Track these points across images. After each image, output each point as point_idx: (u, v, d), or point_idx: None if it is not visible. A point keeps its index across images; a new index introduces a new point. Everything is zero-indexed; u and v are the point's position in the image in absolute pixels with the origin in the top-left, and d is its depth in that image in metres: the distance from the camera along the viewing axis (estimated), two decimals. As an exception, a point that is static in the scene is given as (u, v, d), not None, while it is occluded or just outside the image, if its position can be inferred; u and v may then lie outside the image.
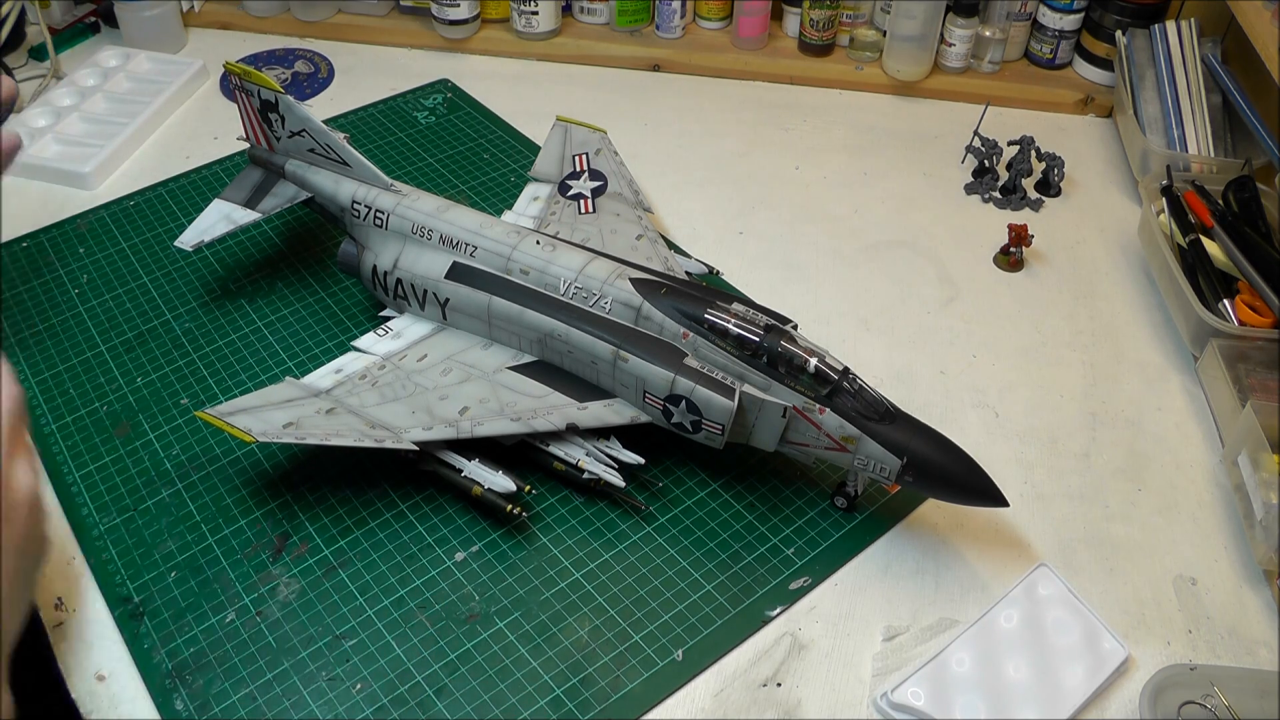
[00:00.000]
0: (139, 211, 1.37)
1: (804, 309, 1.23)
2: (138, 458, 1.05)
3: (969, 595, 0.96)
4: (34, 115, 1.49)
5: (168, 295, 1.24)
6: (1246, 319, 1.16)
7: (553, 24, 1.68)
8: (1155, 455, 1.10)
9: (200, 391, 1.12)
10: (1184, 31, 1.49)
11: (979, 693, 0.87)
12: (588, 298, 1.02)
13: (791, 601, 0.95)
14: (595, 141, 1.37)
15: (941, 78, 1.63)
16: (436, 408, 1.00)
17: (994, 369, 1.19)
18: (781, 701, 0.88)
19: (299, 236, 1.33)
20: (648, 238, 1.22)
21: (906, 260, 1.33)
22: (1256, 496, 0.99)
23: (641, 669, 0.89)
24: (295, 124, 1.17)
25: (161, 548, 0.97)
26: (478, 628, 0.92)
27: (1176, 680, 0.87)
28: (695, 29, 1.72)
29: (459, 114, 1.57)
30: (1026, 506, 1.04)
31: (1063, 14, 1.58)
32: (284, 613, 0.92)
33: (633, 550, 0.98)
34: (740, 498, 1.03)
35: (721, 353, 0.96)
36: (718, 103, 1.62)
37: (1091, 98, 1.60)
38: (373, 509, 1.01)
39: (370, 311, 1.21)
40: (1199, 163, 1.37)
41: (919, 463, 0.90)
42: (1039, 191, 1.45)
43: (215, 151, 1.48)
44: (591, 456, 0.99)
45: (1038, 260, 1.34)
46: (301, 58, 1.69)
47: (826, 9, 1.60)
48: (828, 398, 0.92)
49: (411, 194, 1.13)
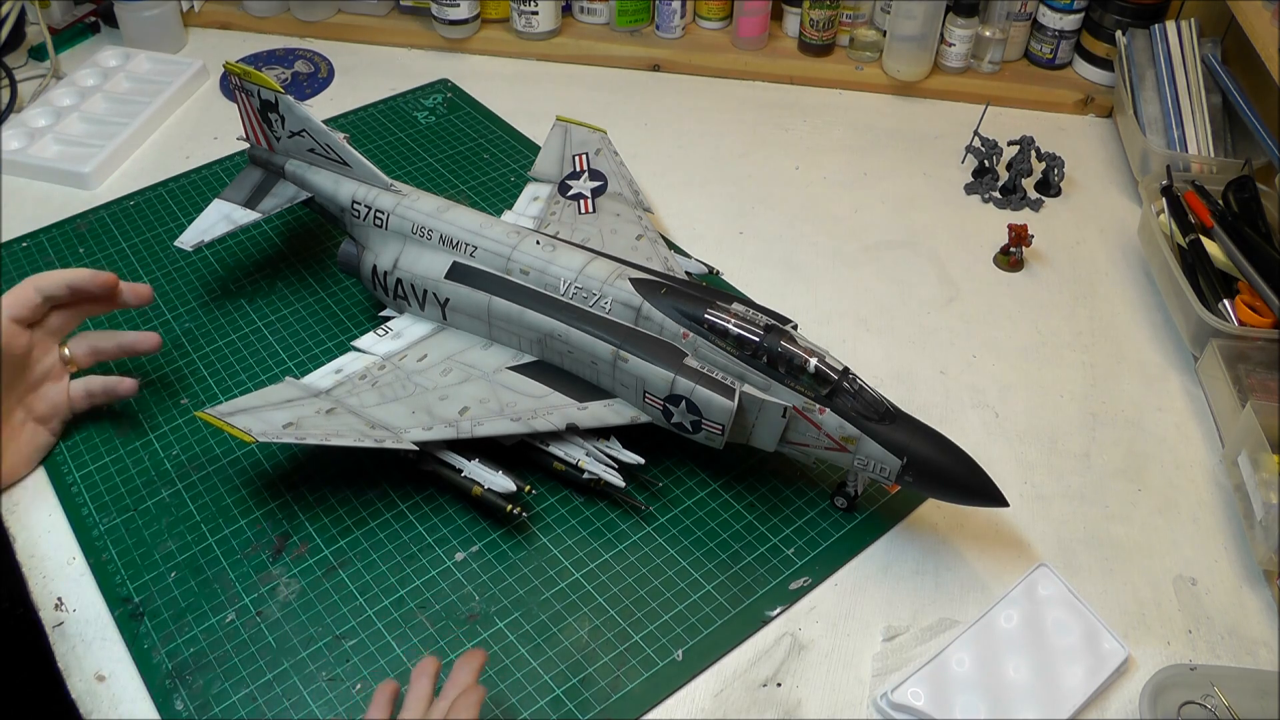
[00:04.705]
0: (139, 211, 1.37)
1: (804, 309, 1.23)
2: (138, 458, 1.05)
3: (969, 595, 0.96)
4: (34, 115, 1.49)
5: (168, 295, 1.24)
6: (1246, 319, 1.16)
7: (553, 24, 1.68)
8: (1155, 455, 1.10)
9: (200, 391, 1.12)
10: (1184, 31, 1.49)
11: (979, 693, 0.87)
12: (588, 298, 1.02)
13: (791, 601, 0.95)
14: (595, 141, 1.37)
15: (941, 78, 1.63)
16: (436, 408, 1.00)
17: (994, 369, 1.19)
18: (781, 701, 0.88)
19: (299, 236, 1.33)
20: (648, 238, 1.22)
21: (906, 260, 1.33)
22: (1256, 496, 0.99)
23: (641, 669, 0.89)
24: (295, 124, 1.17)
25: (161, 548, 0.97)
26: (478, 628, 0.92)
27: (1176, 680, 0.87)
28: (695, 29, 1.72)
29: (459, 114, 1.57)
30: (1026, 506, 1.04)
31: (1063, 14, 1.58)
32: (284, 613, 0.92)
33: (633, 550, 0.98)
34: (740, 498, 1.03)
35: (721, 353, 0.96)
36: (718, 103, 1.62)
37: (1091, 98, 1.60)
38: (373, 509, 1.01)
39: (370, 311, 1.21)
40: (1199, 163, 1.37)
41: (919, 463, 0.90)
42: (1039, 191, 1.45)
43: (215, 151, 1.48)
44: (591, 456, 0.99)
45: (1038, 260, 1.34)
46: (301, 58, 1.69)
47: (826, 9, 1.60)
48: (828, 398, 0.92)
49: (411, 194, 1.13)
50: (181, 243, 1.16)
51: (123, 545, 0.97)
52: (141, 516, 1.00)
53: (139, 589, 0.94)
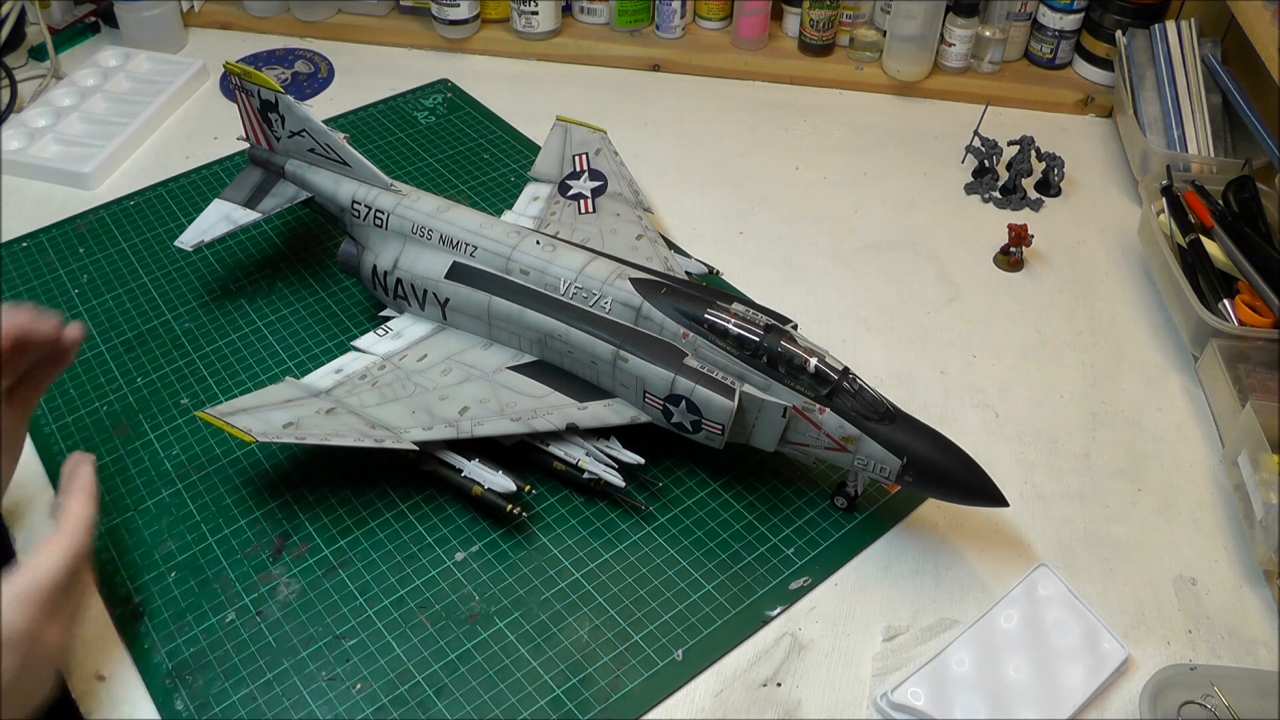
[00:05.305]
0: (139, 211, 1.37)
1: (804, 309, 1.23)
2: (138, 458, 1.05)
3: (969, 595, 0.96)
4: (34, 115, 1.49)
5: (168, 295, 1.24)
6: (1246, 319, 1.16)
7: (553, 24, 1.68)
8: (1155, 455, 1.10)
9: (200, 391, 1.12)
10: (1184, 31, 1.49)
11: (979, 693, 0.87)
12: (588, 298, 1.02)
13: (791, 601, 0.95)
14: (595, 141, 1.37)
15: (941, 78, 1.63)
16: (436, 408, 1.00)
17: (994, 369, 1.19)
18: (781, 701, 0.88)
19: (299, 236, 1.33)
20: (648, 238, 1.22)
21: (906, 260, 1.33)
22: (1256, 496, 0.99)
23: (641, 669, 0.89)
24: (295, 124, 1.17)
25: (161, 548, 0.97)
26: (478, 628, 0.92)
27: (1176, 680, 0.87)
28: (695, 29, 1.72)
29: (459, 114, 1.57)
30: (1026, 506, 1.04)
31: (1063, 14, 1.58)
32: (284, 613, 0.92)
33: (633, 550, 0.98)
34: (740, 498, 1.03)
35: (721, 353, 0.96)
36: (718, 103, 1.62)
37: (1091, 98, 1.60)
38: (373, 509, 1.01)
39: (370, 311, 1.21)
40: (1199, 163, 1.37)
41: (919, 463, 0.90)
42: (1039, 191, 1.45)
43: (215, 151, 1.48)
44: (591, 456, 0.99)
45: (1038, 260, 1.34)
46: (301, 58, 1.69)
47: (826, 9, 1.60)
48: (828, 398, 0.92)
49: (411, 194, 1.13)
50: (181, 243, 1.16)
51: (123, 545, 0.97)
52: (141, 516, 1.00)
53: (139, 589, 0.94)
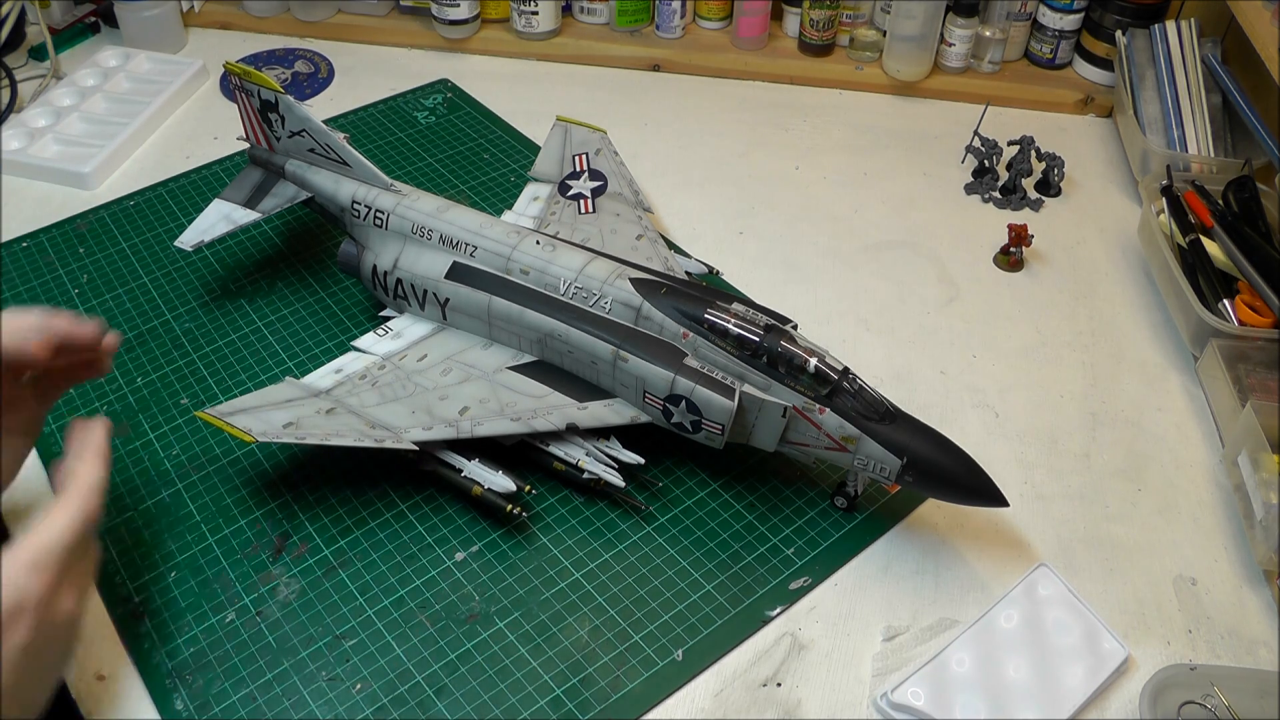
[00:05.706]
0: (139, 211, 1.37)
1: (804, 309, 1.23)
2: (138, 458, 1.05)
3: (969, 595, 0.96)
4: (34, 115, 1.49)
5: (168, 295, 1.24)
6: (1246, 319, 1.16)
7: (553, 24, 1.68)
8: (1155, 455, 1.10)
9: (200, 391, 1.12)
10: (1184, 31, 1.49)
11: (979, 693, 0.87)
12: (588, 298, 1.02)
13: (791, 601, 0.95)
14: (595, 141, 1.37)
15: (941, 78, 1.63)
16: (436, 408, 1.00)
17: (994, 369, 1.19)
18: (781, 701, 0.88)
19: (299, 236, 1.33)
20: (648, 238, 1.22)
21: (906, 260, 1.33)
22: (1256, 496, 0.99)
23: (641, 669, 0.89)
24: (295, 124, 1.17)
25: (161, 548, 0.97)
26: (478, 628, 0.92)
27: (1176, 680, 0.87)
28: (695, 29, 1.72)
29: (459, 114, 1.57)
30: (1026, 506, 1.04)
31: (1063, 14, 1.58)
32: (284, 613, 0.92)
33: (633, 550, 0.98)
34: (740, 498, 1.03)
35: (721, 353, 0.96)
36: (718, 103, 1.62)
37: (1091, 98, 1.60)
38: (373, 509, 1.01)
39: (370, 311, 1.21)
40: (1199, 163, 1.37)
41: (919, 463, 0.90)
42: (1039, 191, 1.45)
43: (215, 151, 1.48)
44: (591, 456, 0.99)
45: (1038, 260, 1.34)
46: (301, 58, 1.69)
47: (826, 9, 1.60)
48: (828, 398, 0.92)
49: (411, 194, 1.13)
50: (181, 243, 1.16)
51: (123, 545, 0.97)
52: (141, 516, 1.00)
53: (139, 589, 0.94)
